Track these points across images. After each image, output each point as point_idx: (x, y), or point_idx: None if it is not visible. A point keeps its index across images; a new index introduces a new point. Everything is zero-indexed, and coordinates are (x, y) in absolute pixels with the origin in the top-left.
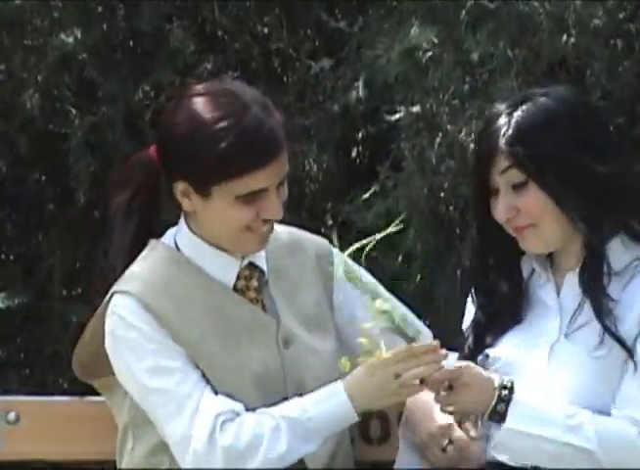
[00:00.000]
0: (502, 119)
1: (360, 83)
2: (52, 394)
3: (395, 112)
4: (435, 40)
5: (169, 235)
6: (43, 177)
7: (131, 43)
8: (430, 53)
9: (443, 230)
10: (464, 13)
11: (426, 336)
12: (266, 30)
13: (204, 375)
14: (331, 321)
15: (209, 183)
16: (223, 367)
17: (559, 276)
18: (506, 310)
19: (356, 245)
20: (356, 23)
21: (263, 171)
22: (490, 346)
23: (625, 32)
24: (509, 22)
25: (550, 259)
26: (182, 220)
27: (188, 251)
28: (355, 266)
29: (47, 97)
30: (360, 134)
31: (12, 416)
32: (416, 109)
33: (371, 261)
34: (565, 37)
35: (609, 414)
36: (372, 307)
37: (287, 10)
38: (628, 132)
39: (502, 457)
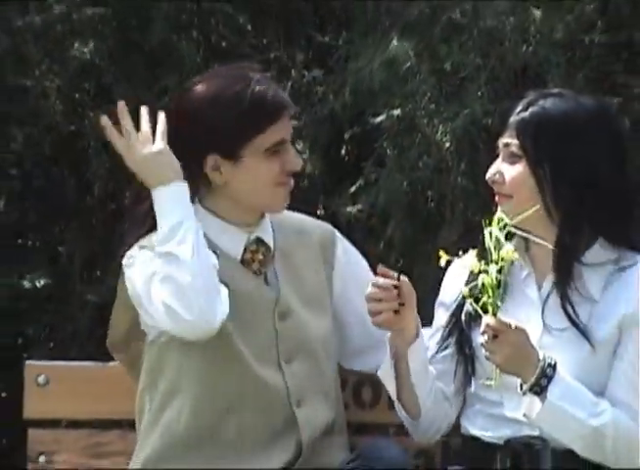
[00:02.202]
0: (525, 103)
1: (347, 90)
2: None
3: (378, 115)
4: (413, 52)
5: None
6: (65, 172)
7: (143, 52)
8: (408, 63)
9: (421, 220)
10: (438, 27)
11: None
12: (265, 42)
13: None
14: (329, 302)
15: (238, 145)
16: (226, 332)
17: (539, 274)
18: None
19: None
20: (342, 38)
21: (279, 124)
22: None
23: (581, 43)
24: (478, 34)
25: (530, 257)
26: (197, 202)
27: (202, 226)
28: (355, 252)
29: (68, 102)
30: (347, 135)
31: (42, 379)
32: (396, 112)
33: (357, 247)
34: (527, 48)
35: None
36: None
37: (283, 25)
38: None
39: (526, 431)
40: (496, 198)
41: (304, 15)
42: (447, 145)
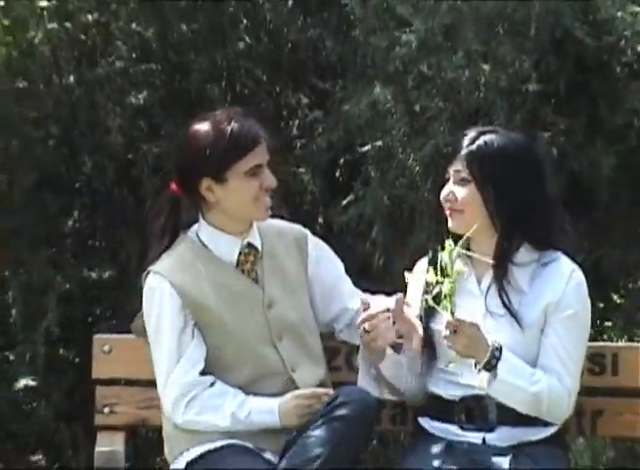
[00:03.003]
0: (470, 138)
1: (340, 127)
2: None
3: (364, 145)
4: (391, 97)
5: (193, 229)
6: (124, 191)
7: (184, 98)
8: (387, 105)
9: (397, 226)
10: (410, 77)
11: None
12: (277, 90)
13: (209, 332)
14: (305, 285)
15: (224, 170)
16: (226, 323)
17: (479, 272)
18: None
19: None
20: (337, 85)
21: (255, 151)
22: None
23: (520, 91)
24: (441, 84)
25: (471, 260)
26: (200, 218)
27: (205, 237)
28: (323, 245)
29: (126, 137)
30: (341, 161)
31: (107, 348)
32: (378, 143)
33: (348, 247)
34: (479, 94)
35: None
36: None
37: (291, 76)
38: None
39: (477, 391)
40: (448, 212)
41: (308, 68)
42: (417, 169)
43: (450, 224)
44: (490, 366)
